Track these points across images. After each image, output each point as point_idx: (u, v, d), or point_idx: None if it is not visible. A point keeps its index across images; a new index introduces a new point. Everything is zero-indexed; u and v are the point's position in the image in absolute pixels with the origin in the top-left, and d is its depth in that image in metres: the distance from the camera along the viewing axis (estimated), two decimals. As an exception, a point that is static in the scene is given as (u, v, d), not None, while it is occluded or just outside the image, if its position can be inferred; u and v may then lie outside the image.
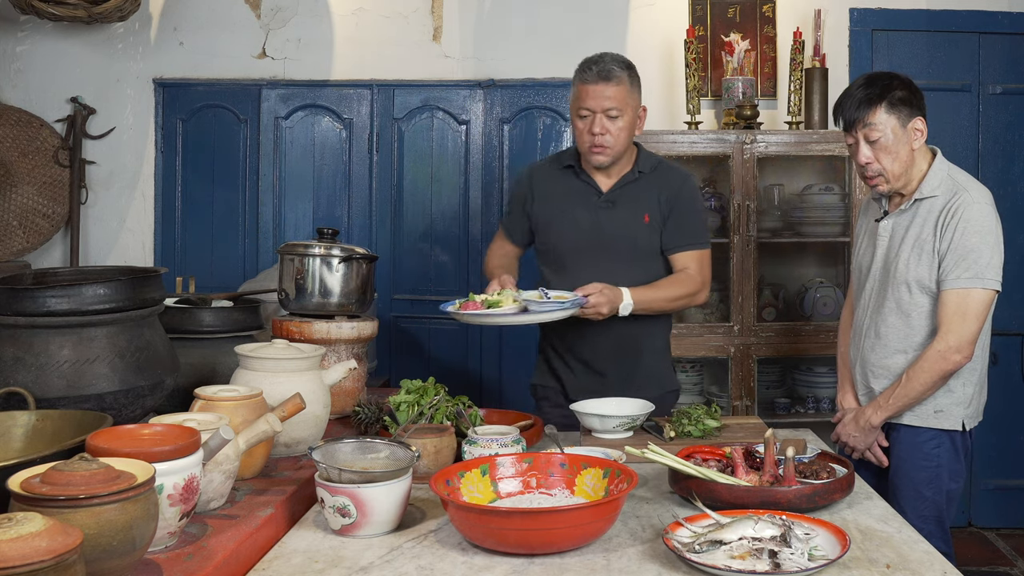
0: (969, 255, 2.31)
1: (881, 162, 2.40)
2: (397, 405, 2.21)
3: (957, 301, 2.32)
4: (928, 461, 2.41)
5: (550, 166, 2.79)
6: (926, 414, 2.41)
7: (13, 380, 1.76)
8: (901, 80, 2.43)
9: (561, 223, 2.69)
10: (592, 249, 2.65)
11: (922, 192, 2.40)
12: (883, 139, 2.38)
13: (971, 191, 2.37)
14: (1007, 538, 4.22)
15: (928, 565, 1.54)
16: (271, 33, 4.33)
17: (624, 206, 2.66)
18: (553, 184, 2.73)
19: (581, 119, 2.58)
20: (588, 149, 2.61)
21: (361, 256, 2.54)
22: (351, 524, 1.65)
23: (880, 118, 2.37)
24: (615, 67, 2.55)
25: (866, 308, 2.54)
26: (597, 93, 2.54)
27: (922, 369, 2.34)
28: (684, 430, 2.28)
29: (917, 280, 2.38)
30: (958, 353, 2.31)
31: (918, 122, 2.40)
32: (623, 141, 2.60)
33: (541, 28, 4.26)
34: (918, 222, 2.41)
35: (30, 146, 4.22)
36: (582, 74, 2.57)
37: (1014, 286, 4.33)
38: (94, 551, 1.24)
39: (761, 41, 4.24)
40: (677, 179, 2.71)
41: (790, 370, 4.16)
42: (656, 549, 1.59)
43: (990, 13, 4.25)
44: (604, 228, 2.65)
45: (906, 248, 2.41)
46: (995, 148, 4.32)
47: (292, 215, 4.36)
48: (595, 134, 2.55)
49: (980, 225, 2.32)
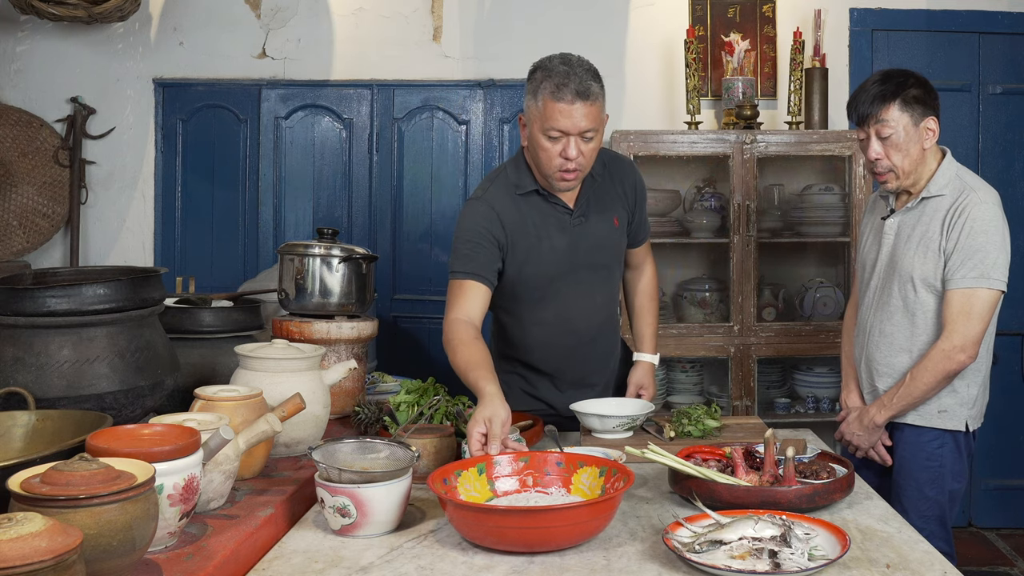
0: (975, 255, 2.30)
1: (891, 159, 2.39)
2: (397, 405, 2.21)
3: (962, 300, 2.31)
4: (931, 461, 2.40)
5: (506, 194, 2.41)
6: (930, 414, 2.41)
7: (13, 380, 1.76)
8: (917, 79, 2.42)
9: (539, 253, 2.41)
10: (570, 270, 2.45)
11: (929, 191, 2.40)
12: (895, 136, 2.37)
13: (979, 191, 2.37)
14: (1007, 538, 4.21)
15: (928, 565, 1.54)
16: (271, 33, 4.33)
17: (594, 217, 2.46)
18: (520, 214, 2.40)
19: (550, 140, 2.24)
20: (556, 173, 2.29)
21: (361, 256, 2.54)
22: (351, 524, 1.65)
23: (893, 115, 2.37)
24: (592, 82, 2.22)
25: (870, 306, 2.53)
26: (574, 114, 2.20)
27: (926, 368, 2.34)
28: (684, 430, 2.28)
29: (922, 278, 2.37)
30: (962, 353, 2.31)
31: (931, 122, 2.40)
32: (592, 161, 2.33)
33: (541, 28, 4.26)
34: (924, 220, 2.40)
35: (30, 146, 4.22)
36: (555, 90, 2.19)
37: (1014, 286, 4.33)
38: (94, 551, 1.24)
39: (761, 41, 4.24)
40: (626, 169, 2.55)
41: (790, 370, 4.16)
42: (656, 549, 1.60)
43: (990, 13, 4.25)
44: (580, 245, 2.44)
45: (912, 246, 2.40)
46: (995, 148, 4.32)
47: (292, 215, 4.36)
48: (570, 159, 2.24)
49: (987, 225, 2.32)
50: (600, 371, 2.63)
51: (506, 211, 2.39)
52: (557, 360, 2.53)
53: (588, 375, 2.60)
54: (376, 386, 2.88)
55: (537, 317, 2.48)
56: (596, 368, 2.61)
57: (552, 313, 2.46)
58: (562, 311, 2.46)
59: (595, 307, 2.51)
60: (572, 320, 2.48)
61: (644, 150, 3.92)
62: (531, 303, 2.47)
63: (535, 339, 2.51)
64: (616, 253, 2.54)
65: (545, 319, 2.48)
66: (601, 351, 2.60)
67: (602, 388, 2.62)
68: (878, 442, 2.48)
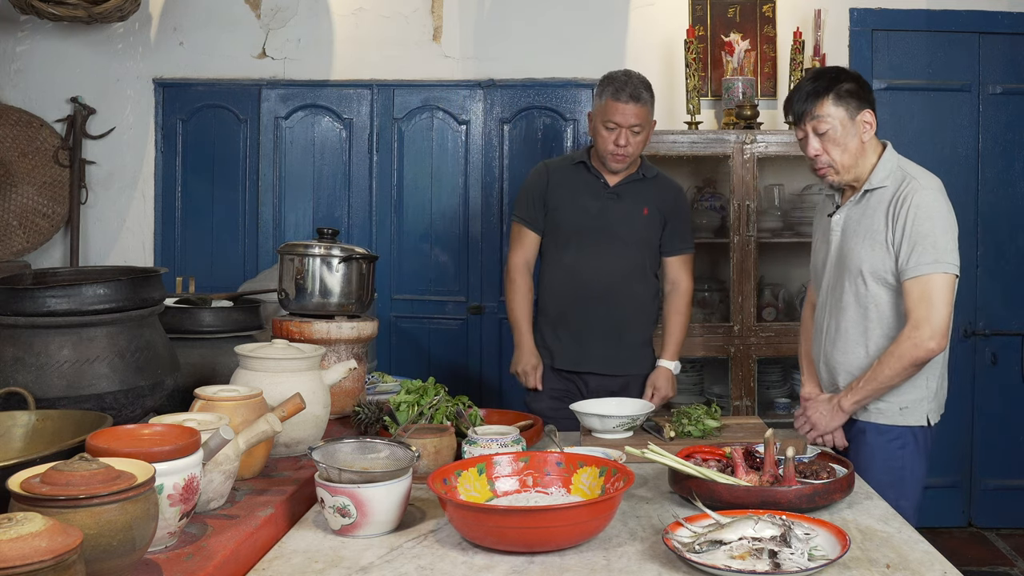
0: (923, 240, 2.27)
1: (830, 154, 2.39)
2: (397, 405, 2.21)
3: (921, 288, 2.27)
4: (893, 462, 2.36)
5: (562, 163, 3.17)
6: (892, 411, 2.38)
7: (13, 380, 1.76)
8: (849, 74, 2.43)
9: (570, 207, 3.05)
10: (597, 232, 3.02)
11: (871, 183, 2.40)
12: (831, 131, 2.37)
13: (920, 179, 2.35)
14: (1007, 538, 4.22)
15: (928, 565, 1.54)
16: (271, 33, 4.34)
17: (627, 199, 3.05)
18: (566, 176, 3.10)
19: (608, 130, 2.95)
20: (610, 155, 2.98)
21: (361, 256, 2.54)
22: (351, 524, 1.65)
23: (828, 110, 2.37)
24: (643, 91, 2.96)
25: (824, 305, 2.52)
26: (627, 112, 2.92)
27: (894, 356, 2.30)
28: (684, 430, 2.28)
29: (872, 271, 2.36)
30: (931, 340, 2.26)
31: (867, 115, 2.39)
32: (639, 151, 3.03)
33: (541, 28, 4.26)
34: (869, 213, 2.39)
35: (30, 146, 4.22)
36: (616, 93, 2.93)
37: (1014, 286, 4.35)
38: (94, 551, 1.24)
39: (761, 41, 4.24)
40: (673, 189, 3.16)
41: (790, 370, 4.16)
42: (656, 549, 1.60)
43: (990, 13, 4.25)
44: (609, 215, 3.03)
45: (859, 240, 2.39)
46: (995, 148, 4.32)
47: (292, 215, 4.36)
48: (620, 145, 2.95)
49: (931, 211, 2.29)
50: (597, 338, 3.01)
51: (556, 172, 3.12)
52: (563, 305, 3.04)
53: (585, 333, 3.01)
54: (376, 386, 2.89)
55: (559, 260, 3.06)
56: (595, 331, 3.00)
57: (570, 260, 3.04)
58: (577, 262, 3.02)
59: (607, 269, 3.01)
60: (583, 272, 3.02)
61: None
62: (558, 247, 3.07)
63: (551, 278, 3.08)
64: (643, 236, 3.06)
65: (564, 263, 3.05)
66: (602, 316, 3.00)
67: (598, 355, 3.01)
68: (838, 428, 2.42)
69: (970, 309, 4.24)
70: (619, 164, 3.01)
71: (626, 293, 3.04)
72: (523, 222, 3.13)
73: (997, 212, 4.32)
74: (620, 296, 3.03)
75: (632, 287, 3.04)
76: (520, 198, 3.17)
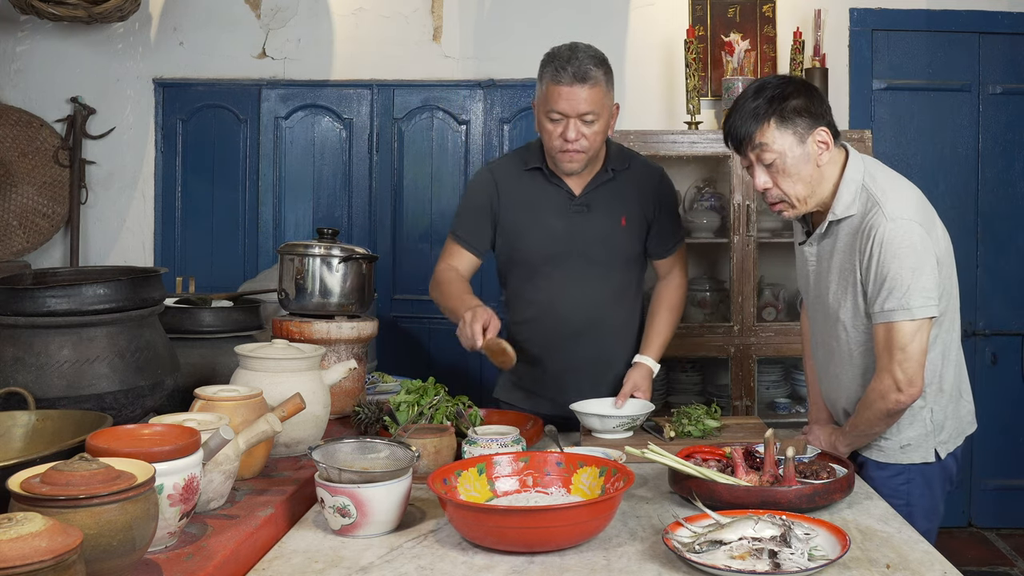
0: (886, 283, 1.97)
1: (781, 187, 2.06)
2: (397, 405, 2.21)
3: (886, 336, 1.99)
4: (897, 498, 2.06)
5: (513, 167, 2.53)
6: (893, 449, 2.13)
7: (13, 380, 1.76)
8: (796, 85, 2.06)
9: (533, 231, 2.48)
10: (567, 257, 2.47)
11: (835, 213, 2.07)
12: (779, 160, 2.02)
13: (885, 205, 2.00)
14: (1007, 538, 4.22)
15: (928, 565, 1.54)
16: (271, 33, 4.33)
17: (599, 209, 2.48)
18: (520, 187, 2.50)
19: (552, 122, 2.34)
20: (559, 154, 2.38)
21: (361, 256, 2.54)
22: (351, 524, 1.65)
23: (771, 136, 2.01)
24: (591, 67, 2.30)
25: (814, 333, 2.30)
26: (572, 96, 2.29)
27: (866, 406, 2.07)
28: (684, 430, 2.28)
29: (851, 318, 2.09)
30: (898, 392, 1.99)
31: (821, 133, 2.03)
32: (597, 145, 2.40)
33: (541, 28, 4.26)
34: (840, 248, 2.09)
35: (30, 146, 4.22)
36: (555, 74, 2.30)
37: (1014, 286, 4.35)
38: (94, 551, 1.24)
39: (761, 41, 4.24)
40: (653, 177, 2.56)
41: (790, 370, 4.16)
42: (656, 549, 1.60)
43: (990, 13, 4.25)
44: (579, 234, 2.47)
45: (833, 280, 2.12)
46: (995, 148, 4.32)
47: (292, 215, 4.36)
48: (569, 140, 2.34)
49: (895, 248, 1.96)
50: (583, 378, 2.50)
51: (507, 181, 2.51)
52: (540, 345, 2.53)
53: (568, 374, 2.51)
54: (376, 386, 2.89)
55: (528, 295, 2.53)
56: (579, 371, 2.51)
57: (544, 295, 2.51)
58: (552, 295, 2.50)
59: (586, 300, 2.49)
60: (558, 306, 2.50)
61: (644, 150, 3.90)
62: (524, 279, 2.53)
63: (523, 316, 2.56)
64: (619, 253, 2.52)
65: (536, 299, 2.52)
66: (587, 354, 2.51)
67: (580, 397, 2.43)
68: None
69: (970, 309, 4.23)
70: (572, 164, 2.40)
71: (610, 323, 2.53)
72: (461, 241, 2.52)
73: (997, 212, 4.32)
74: (604, 327, 2.52)
75: (617, 315, 2.54)
76: (461, 211, 2.57)
